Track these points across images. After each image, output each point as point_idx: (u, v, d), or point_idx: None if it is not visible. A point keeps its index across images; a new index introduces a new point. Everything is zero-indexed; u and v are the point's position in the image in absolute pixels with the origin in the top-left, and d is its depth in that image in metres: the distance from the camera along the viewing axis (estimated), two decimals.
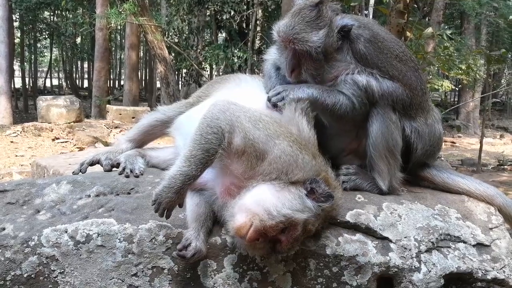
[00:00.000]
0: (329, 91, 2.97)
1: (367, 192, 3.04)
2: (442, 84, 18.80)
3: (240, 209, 2.44)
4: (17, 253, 2.56)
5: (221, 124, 2.49)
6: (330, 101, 2.94)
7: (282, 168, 2.49)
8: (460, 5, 23.05)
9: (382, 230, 2.78)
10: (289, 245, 2.43)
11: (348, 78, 2.98)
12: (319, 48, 2.91)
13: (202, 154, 2.44)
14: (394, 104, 3.02)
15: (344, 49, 3.00)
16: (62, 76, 49.29)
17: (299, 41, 2.90)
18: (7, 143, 13.96)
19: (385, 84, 2.99)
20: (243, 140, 2.49)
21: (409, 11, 8.71)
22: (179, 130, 3.15)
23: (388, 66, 3.03)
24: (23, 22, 36.15)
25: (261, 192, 2.46)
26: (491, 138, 24.84)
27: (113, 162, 3.26)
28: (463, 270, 2.78)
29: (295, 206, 2.42)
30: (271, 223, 2.35)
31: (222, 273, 2.60)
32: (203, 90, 3.43)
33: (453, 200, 3.16)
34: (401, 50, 3.15)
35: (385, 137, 2.98)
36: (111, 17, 14.71)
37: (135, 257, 2.58)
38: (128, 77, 24.26)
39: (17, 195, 2.92)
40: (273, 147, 2.50)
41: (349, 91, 2.95)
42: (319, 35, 2.90)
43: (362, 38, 3.00)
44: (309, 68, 3.00)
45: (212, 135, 2.46)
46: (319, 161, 2.65)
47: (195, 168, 2.43)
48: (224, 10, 20.13)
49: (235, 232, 2.41)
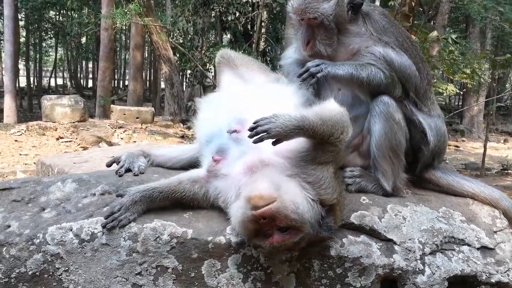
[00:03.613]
0: (361, 65, 3.04)
1: (372, 194, 3.05)
2: (447, 88, 18.75)
3: (271, 181, 2.42)
4: (22, 251, 2.57)
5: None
6: (365, 73, 3.01)
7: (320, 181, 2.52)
8: (466, 9, 22.97)
9: (387, 232, 2.78)
10: (276, 244, 2.38)
11: (368, 51, 3.08)
12: (330, 16, 3.05)
13: None
14: (409, 82, 3.10)
15: (359, 21, 3.13)
16: (66, 76, 49.33)
17: (310, 9, 3.06)
18: (11, 142, 13.99)
19: (403, 58, 3.10)
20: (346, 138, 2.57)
21: (414, 14, 8.74)
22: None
23: (403, 38, 3.16)
24: (28, 21, 36.22)
25: (294, 186, 2.46)
26: (495, 143, 24.74)
27: (115, 159, 3.26)
28: (467, 273, 2.78)
29: (312, 218, 2.42)
30: (290, 214, 2.33)
31: (226, 273, 2.60)
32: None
33: (458, 203, 3.16)
34: (409, 36, 3.30)
35: (388, 137, 2.99)
36: (117, 17, 14.73)
37: (140, 256, 2.58)
38: (132, 78, 24.27)
39: (23, 193, 2.93)
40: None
41: (376, 62, 3.04)
42: (330, 4, 3.06)
43: (376, 11, 3.18)
44: (323, 38, 3.11)
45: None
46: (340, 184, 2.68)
47: None
48: (229, 12, 20.16)
49: (253, 197, 2.34)
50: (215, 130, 2.87)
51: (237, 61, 3.36)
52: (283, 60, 3.44)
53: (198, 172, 2.81)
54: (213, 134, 2.87)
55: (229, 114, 2.86)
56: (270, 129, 2.41)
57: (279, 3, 19.14)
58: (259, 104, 2.60)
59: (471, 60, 14.82)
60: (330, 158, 2.56)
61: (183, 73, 29.12)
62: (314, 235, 2.48)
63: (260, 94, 2.99)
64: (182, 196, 2.74)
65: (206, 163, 2.80)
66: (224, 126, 2.80)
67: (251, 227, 2.39)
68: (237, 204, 2.46)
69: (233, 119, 2.80)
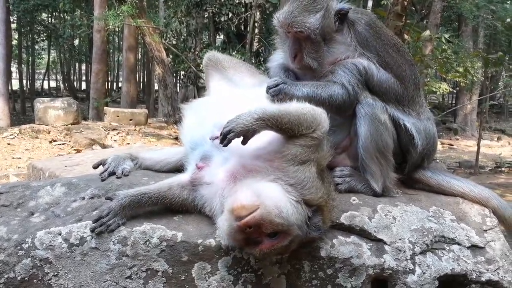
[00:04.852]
0: (323, 86, 3.02)
1: (362, 194, 3.05)
2: (440, 86, 18.84)
3: (251, 189, 2.41)
4: (11, 256, 2.55)
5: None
6: (326, 95, 2.99)
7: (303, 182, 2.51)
8: (458, 8, 23.09)
9: (377, 232, 2.78)
10: (267, 250, 2.37)
11: (348, 62, 3.07)
12: (317, 30, 3.02)
13: None
14: (387, 94, 3.09)
15: (345, 31, 3.11)
16: (59, 78, 49.18)
17: (297, 23, 3.02)
18: (4, 145, 13.93)
19: (381, 72, 3.09)
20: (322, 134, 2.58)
21: (407, 13, 8.75)
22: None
23: (385, 53, 3.13)
24: (20, 24, 36.08)
25: (276, 190, 2.45)
26: (489, 141, 24.88)
27: (102, 161, 3.24)
28: (457, 272, 2.79)
29: (298, 220, 2.41)
30: (275, 219, 2.32)
31: (217, 276, 2.60)
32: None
33: (448, 202, 3.16)
34: (398, 41, 3.27)
35: (375, 139, 2.99)
36: (109, 19, 14.71)
37: (129, 260, 2.57)
38: (126, 79, 24.24)
39: (11, 198, 2.91)
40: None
41: (345, 78, 3.02)
42: (316, 17, 3.02)
43: (362, 21, 3.13)
44: (310, 51, 3.08)
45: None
46: (328, 185, 2.68)
47: None
48: (222, 12, 20.12)
49: (235, 208, 2.33)
50: (198, 137, 2.87)
51: (225, 63, 3.34)
52: (270, 63, 3.43)
53: (185, 178, 2.79)
54: (197, 141, 2.87)
55: (211, 120, 2.86)
56: (233, 128, 2.43)
57: (272, 4, 19.14)
58: (242, 109, 2.59)
59: (464, 58, 14.90)
60: (311, 155, 2.55)
61: (176, 74, 29.07)
62: (304, 237, 2.47)
63: (244, 99, 2.98)
64: (171, 202, 2.73)
65: (190, 170, 2.80)
66: (207, 133, 2.79)
67: (239, 238, 2.38)
68: (222, 218, 2.45)
69: (215, 125, 2.79)
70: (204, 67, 3.44)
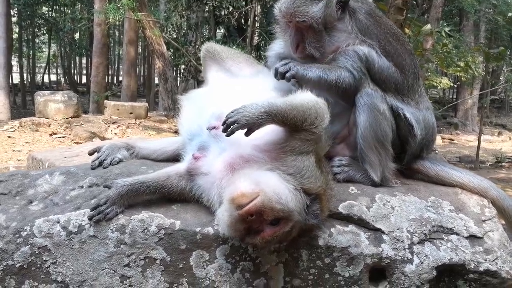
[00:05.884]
0: (330, 69, 3.01)
1: (360, 183, 3.05)
2: (441, 81, 18.83)
3: (250, 178, 2.40)
4: (9, 243, 2.56)
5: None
6: (333, 76, 2.98)
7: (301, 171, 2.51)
8: (459, 2, 23.03)
9: (375, 222, 2.78)
10: (269, 238, 2.37)
11: (349, 49, 3.05)
12: (320, 19, 3.01)
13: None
14: (387, 83, 3.08)
15: (346, 19, 3.09)
16: (60, 72, 49.09)
17: (300, 13, 3.00)
18: (5, 138, 13.95)
19: (383, 60, 3.08)
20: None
21: (407, 7, 8.71)
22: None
23: (385, 41, 3.12)
24: (21, 17, 35.99)
25: (274, 178, 2.44)
26: (489, 135, 24.85)
27: (97, 148, 3.23)
28: (455, 262, 2.78)
29: (297, 207, 2.42)
30: (275, 205, 2.31)
31: (215, 264, 2.60)
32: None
33: (447, 193, 3.16)
34: (398, 31, 3.27)
35: (374, 128, 2.99)
36: (109, 13, 14.67)
37: (128, 248, 2.58)
38: (126, 73, 24.21)
39: (10, 186, 2.92)
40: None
41: (348, 63, 3.01)
42: (319, 6, 3.01)
43: (363, 10, 3.12)
44: (312, 41, 3.07)
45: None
46: (326, 174, 2.68)
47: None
48: (223, 6, 20.04)
49: (235, 197, 2.32)
50: (196, 128, 2.87)
51: (223, 54, 3.33)
52: (268, 51, 3.42)
53: (183, 168, 2.78)
54: (194, 132, 2.87)
55: (208, 110, 2.85)
56: (238, 119, 2.41)
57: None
58: (239, 99, 2.58)
59: (465, 53, 14.88)
60: (310, 148, 2.55)
61: (177, 68, 29.00)
62: (304, 223, 2.48)
63: (241, 88, 2.97)
64: (169, 191, 2.73)
65: (187, 159, 2.79)
66: (204, 123, 2.78)
67: (240, 227, 2.36)
68: (222, 208, 2.43)
69: (212, 115, 2.78)
70: (202, 58, 3.42)
